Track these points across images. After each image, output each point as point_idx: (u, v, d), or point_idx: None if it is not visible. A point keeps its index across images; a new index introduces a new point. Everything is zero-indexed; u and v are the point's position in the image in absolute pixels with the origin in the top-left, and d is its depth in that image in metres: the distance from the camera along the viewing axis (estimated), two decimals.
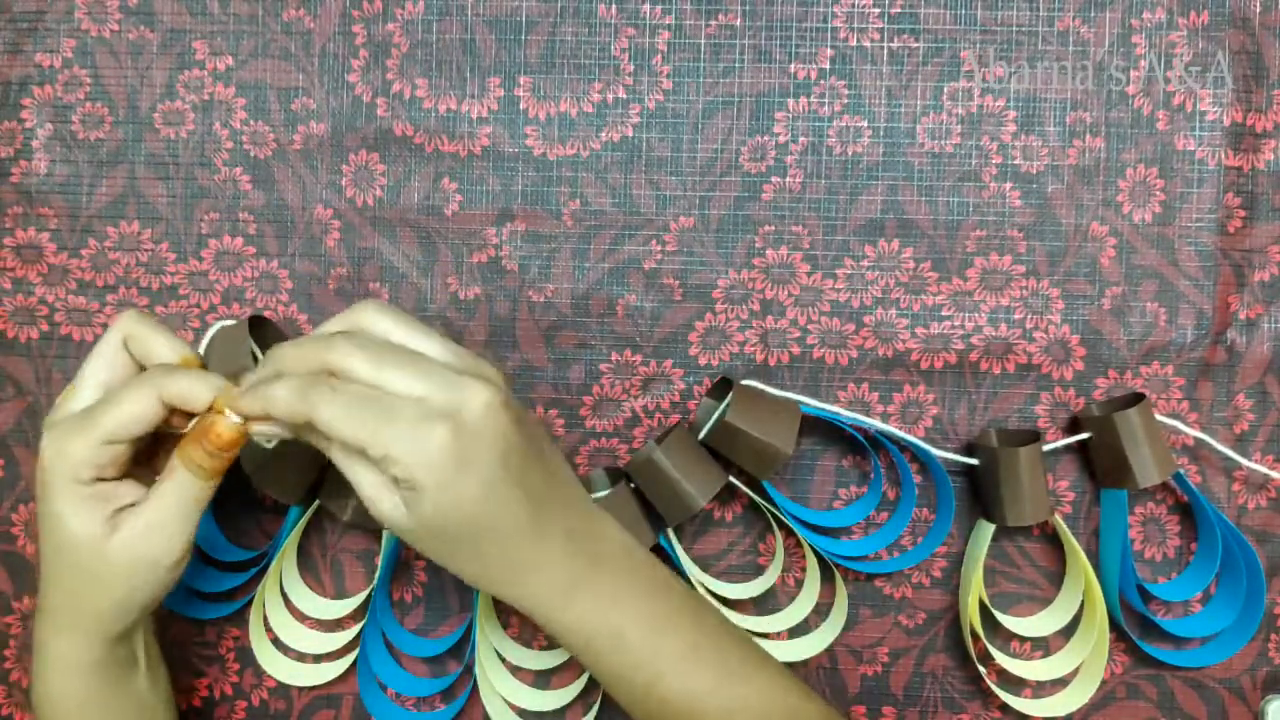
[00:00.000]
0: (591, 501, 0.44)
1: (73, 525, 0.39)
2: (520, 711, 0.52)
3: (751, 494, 0.51)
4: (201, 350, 0.49)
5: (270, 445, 0.40)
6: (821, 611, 0.52)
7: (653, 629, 0.42)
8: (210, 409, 0.39)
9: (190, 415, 0.40)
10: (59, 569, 0.41)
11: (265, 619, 0.52)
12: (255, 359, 0.47)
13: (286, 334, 0.51)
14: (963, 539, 0.52)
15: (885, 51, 0.51)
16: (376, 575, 0.50)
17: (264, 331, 0.50)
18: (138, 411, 0.39)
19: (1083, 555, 0.50)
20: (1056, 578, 0.52)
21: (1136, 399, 0.50)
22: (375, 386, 0.37)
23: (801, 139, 0.51)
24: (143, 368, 0.41)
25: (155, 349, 0.41)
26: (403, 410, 0.36)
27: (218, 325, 0.50)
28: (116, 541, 0.39)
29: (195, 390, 0.39)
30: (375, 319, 0.39)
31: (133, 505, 0.40)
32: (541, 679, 0.53)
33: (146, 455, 0.42)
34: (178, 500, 0.40)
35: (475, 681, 0.51)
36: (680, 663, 0.42)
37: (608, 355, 0.52)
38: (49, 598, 0.42)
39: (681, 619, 0.43)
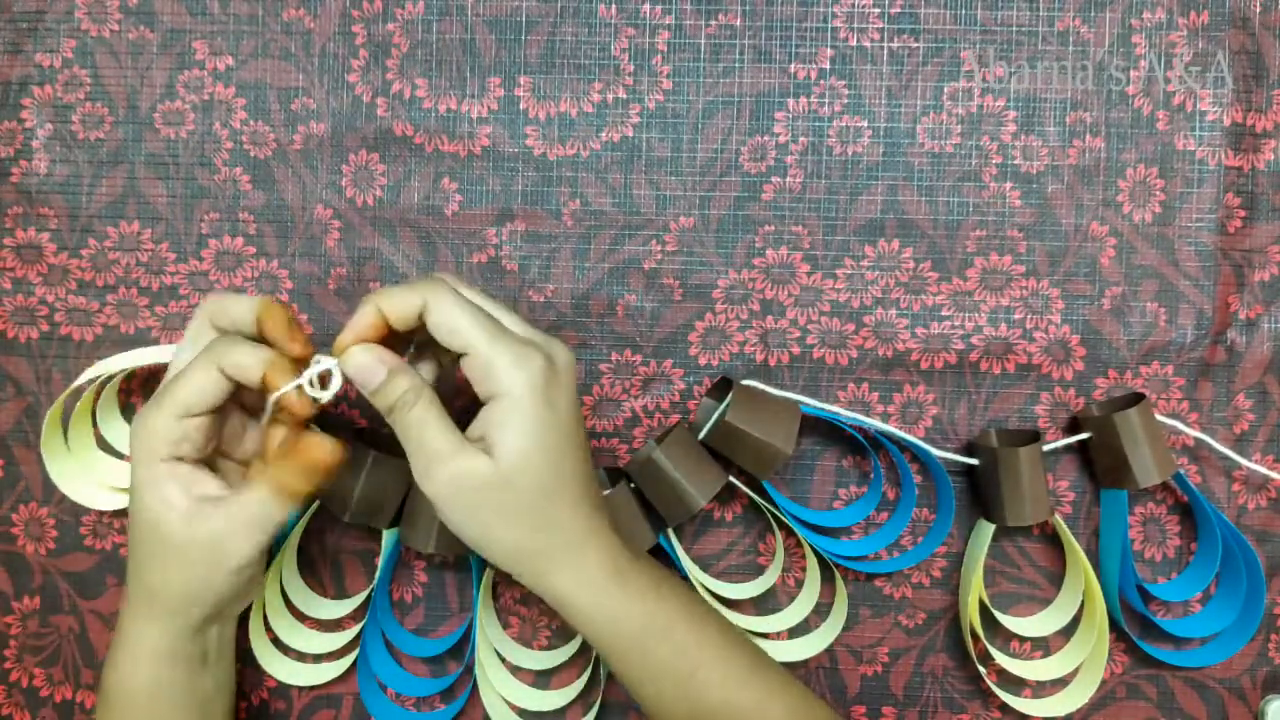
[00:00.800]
0: None
1: (150, 498, 0.41)
2: (520, 711, 0.52)
3: (751, 494, 0.51)
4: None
5: (323, 398, 0.41)
6: (821, 611, 0.52)
7: (694, 617, 0.43)
8: (281, 409, 0.41)
9: (265, 395, 0.41)
10: (138, 548, 0.42)
11: (265, 619, 0.52)
12: None
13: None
14: (963, 539, 0.52)
15: (885, 51, 0.51)
16: (376, 575, 0.50)
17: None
18: (201, 383, 0.40)
19: (1083, 555, 0.50)
20: (1056, 578, 0.52)
21: (1136, 399, 0.50)
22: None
23: (801, 139, 0.51)
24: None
25: (234, 312, 0.42)
26: (509, 332, 0.40)
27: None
28: (191, 525, 0.41)
29: (246, 361, 0.40)
30: (459, 286, 0.41)
31: (215, 499, 0.41)
32: (541, 679, 0.53)
33: (235, 449, 0.44)
34: (252, 513, 0.41)
35: (475, 681, 0.51)
36: (718, 653, 0.43)
37: (608, 355, 0.52)
38: (132, 584, 0.43)
39: (712, 612, 0.45)
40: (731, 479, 0.50)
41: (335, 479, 0.42)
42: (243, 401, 0.44)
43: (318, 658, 0.53)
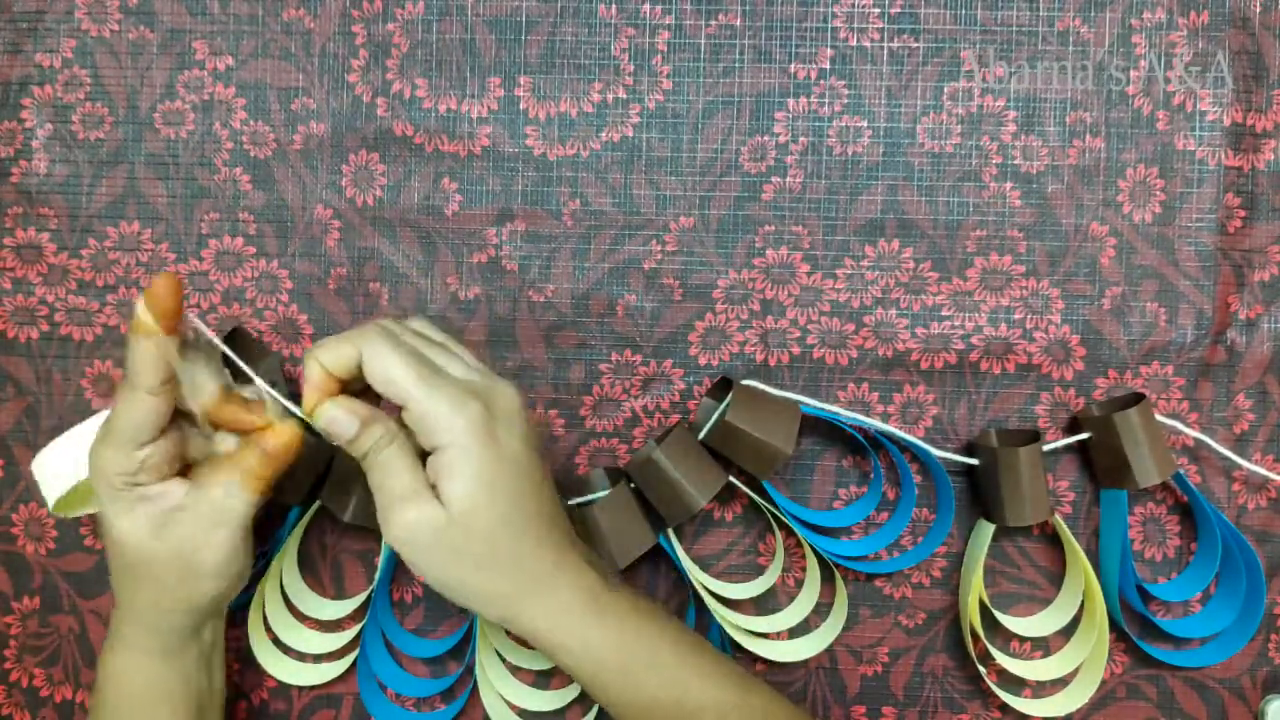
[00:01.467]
0: None
1: (118, 527, 0.41)
2: (520, 711, 0.52)
3: (751, 494, 0.51)
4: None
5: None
6: (821, 611, 0.52)
7: (679, 643, 0.43)
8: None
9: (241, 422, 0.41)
10: (115, 566, 0.42)
11: (265, 619, 0.52)
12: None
13: (275, 347, 0.51)
14: (963, 539, 0.52)
15: (885, 51, 0.51)
16: (376, 575, 0.50)
17: (242, 344, 0.50)
18: (132, 412, 0.39)
19: (1083, 555, 0.50)
20: (1056, 578, 0.52)
21: (1136, 399, 0.50)
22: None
23: (801, 139, 0.51)
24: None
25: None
26: (447, 378, 0.39)
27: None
28: (159, 539, 0.40)
29: (145, 361, 0.39)
30: (416, 325, 0.42)
31: (180, 508, 0.41)
32: (541, 679, 0.53)
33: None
34: (215, 508, 0.40)
35: (475, 682, 0.51)
36: (705, 675, 0.42)
37: (608, 355, 0.52)
38: (116, 590, 0.43)
39: (695, 635, 0.44)
40: (731, 479, 0.50)
41: (296, 460, 0.41)
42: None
43: (318, 658, 0.53)
